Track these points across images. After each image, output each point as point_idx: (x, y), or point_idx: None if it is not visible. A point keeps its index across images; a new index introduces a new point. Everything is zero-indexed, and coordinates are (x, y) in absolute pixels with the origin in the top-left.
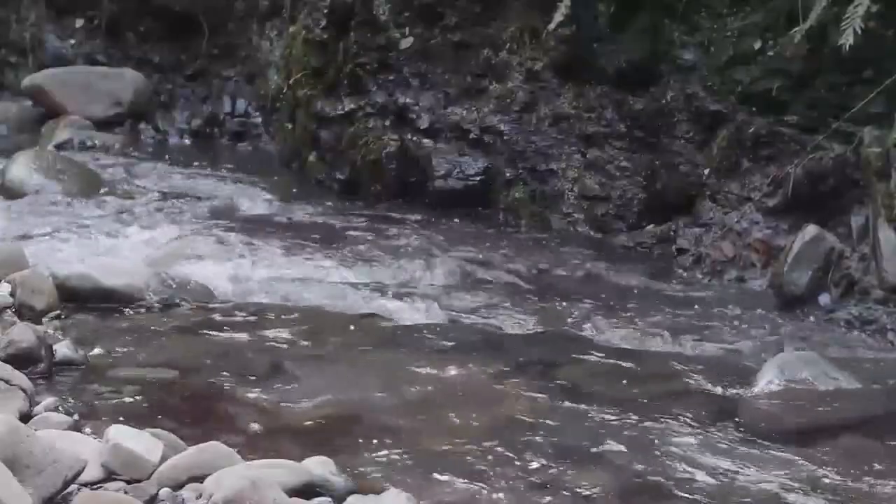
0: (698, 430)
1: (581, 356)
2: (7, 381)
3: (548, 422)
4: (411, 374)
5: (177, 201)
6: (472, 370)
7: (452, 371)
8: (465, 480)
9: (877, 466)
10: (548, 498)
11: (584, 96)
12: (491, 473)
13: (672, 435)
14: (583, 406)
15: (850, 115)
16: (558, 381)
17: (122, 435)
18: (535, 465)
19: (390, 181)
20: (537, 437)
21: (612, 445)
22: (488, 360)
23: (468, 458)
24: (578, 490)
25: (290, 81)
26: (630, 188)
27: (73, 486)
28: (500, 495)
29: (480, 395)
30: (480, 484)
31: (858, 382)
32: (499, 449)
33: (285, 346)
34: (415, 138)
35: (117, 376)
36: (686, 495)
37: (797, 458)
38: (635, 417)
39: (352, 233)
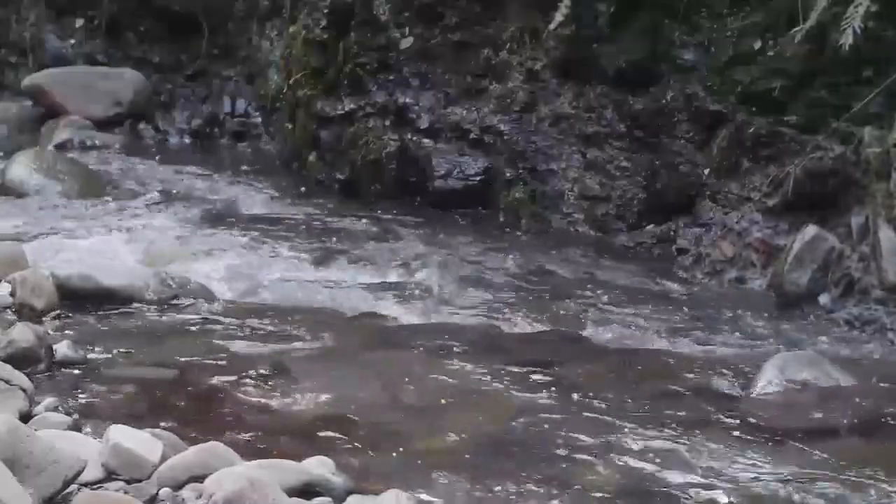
0: (698, 430)
1: (581, 356)
2: (7, 381)
3: (547, 422)
4: (411, 374)
5: (177, 201)
6: (472, 370)
7: (452, 371)
8: (465, 480)
9: (877, 466)
10: (548, 498)
11: (584, 96)
12: (491, 473)
13: (672, 435)
14: (582, 406)
15: (850, 115)
16: (558, 381)
17: (122, 435)
18: (534, 464)
19: (390, 181)
20: (537, 437)
21: (612, 445)
22: (488, 360)
23: (468, 457)
24: (578, 490)
25: (290, 81)
26: (630, 188)
27: (73, 486)
28: (500, 495)
29: (480, 394)
30: (480, 484)
31: (858, 382)
32: (499, 449)
33: (285, 346)
34: (415, 138)
35: (117, 376)
36: (686, 495)
37: (797, 457)
38: (635, 417)
39: (352, 233)
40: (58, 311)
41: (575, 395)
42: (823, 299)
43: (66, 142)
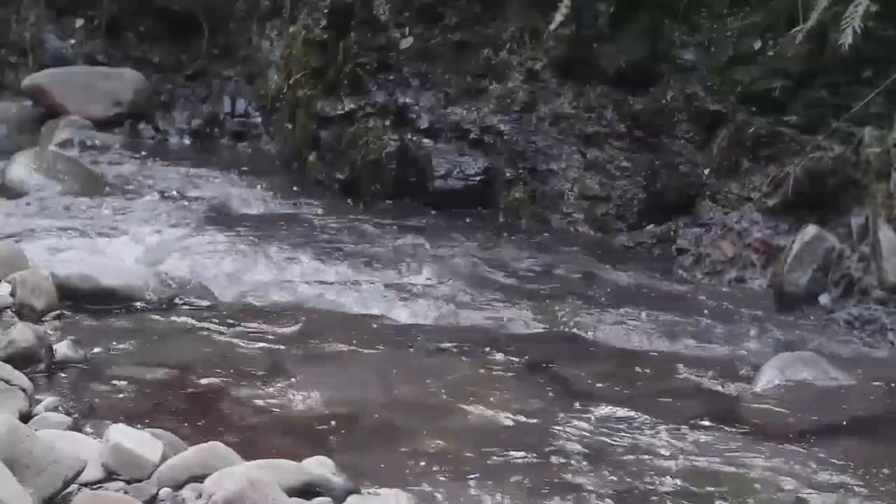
0: (698, 430)
1: (581, 356)
2: (7, 381)
3: (547, 422)
4: (411, 374)
5: (177, 201)
6: (472, 370)
7: (452, 371)
8: (465, 480)
9: (877, 466)
10: (547, 498)
11: (584, 96)
12: (490, 473)
13: (672, 435)
14: (582, 406)
15: (850, 115)
16: (558, 381)
17: (122, 435)
18: (534, 464)
19: (390, 181)
20: (537, 437)
21: (612, 445)
22: (488, 360)
23: (468, 457)
24: (578, 490)
25: (290, 81)
26: (630, 188)
27: (73, 486)
28: (500, 495)
29: (480, 394)
30: (480, 484)
31: (858, 382)
32: (499, 449)
33: (285, 346)
34: (415, 138)
35: (117, 376)
36: (685, 496)
37: (797, 457)
38: (635, 417)
39: (351, 233)
40: (58, 311)
41: (575, 395)
42: (823, 299)
43: (66, 142)
